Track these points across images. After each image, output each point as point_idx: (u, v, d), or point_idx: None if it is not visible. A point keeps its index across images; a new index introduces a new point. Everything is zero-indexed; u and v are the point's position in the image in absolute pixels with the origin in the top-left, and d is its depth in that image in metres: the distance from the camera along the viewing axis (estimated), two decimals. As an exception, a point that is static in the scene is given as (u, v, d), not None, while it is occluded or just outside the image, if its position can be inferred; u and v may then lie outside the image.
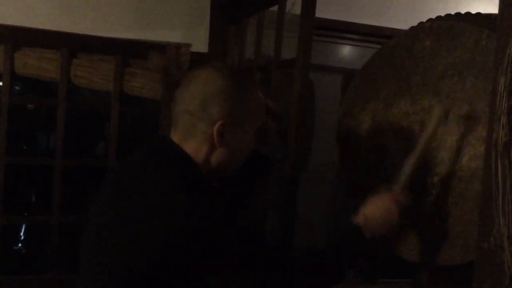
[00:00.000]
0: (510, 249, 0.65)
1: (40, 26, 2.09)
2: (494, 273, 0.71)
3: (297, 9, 1.63)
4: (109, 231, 0.99)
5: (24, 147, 3.05)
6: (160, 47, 2.11)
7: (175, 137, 1.06)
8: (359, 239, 1.09)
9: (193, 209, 0.91)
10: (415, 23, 1.39)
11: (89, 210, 1.09)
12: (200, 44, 2.28)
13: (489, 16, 1.26)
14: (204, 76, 1.05)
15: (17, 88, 2.74)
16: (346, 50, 3.25)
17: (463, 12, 1.37)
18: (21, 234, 3.01)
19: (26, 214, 2.97)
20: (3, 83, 2.05)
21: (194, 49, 2.22)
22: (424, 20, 1.39)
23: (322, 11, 1.78)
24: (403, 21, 2.11)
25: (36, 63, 2.07)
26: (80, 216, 2.20)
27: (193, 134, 1.04)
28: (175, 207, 0.92)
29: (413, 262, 1.34)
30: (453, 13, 1.39)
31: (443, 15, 1.38)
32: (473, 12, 1.34)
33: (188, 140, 1.05)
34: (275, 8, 1.83)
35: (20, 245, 3.03)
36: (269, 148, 1.44)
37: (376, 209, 1.14)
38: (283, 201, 1.58)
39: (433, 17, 1.39)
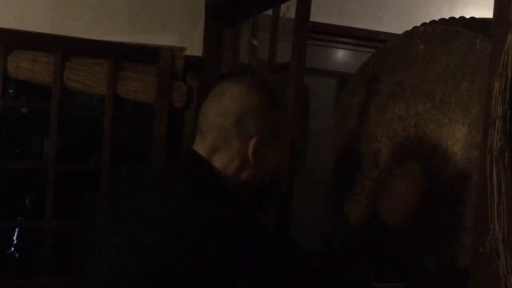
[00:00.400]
0: (506, 254, 0.65)
1: (33, 29, 2.08)
2: (489, 278, 0.71)
3: (292, 13, 1.63)
4: (130, 241, 0.96)
5: (17, 150, 3.04)
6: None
7: (201, 150, 1.04)
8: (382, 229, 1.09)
9: (220, 221, 0.90)
10: (409, 27, 1.40)
11: (96, 215, 1.07)
12: (195, 47, 2.28)
13: (483, 20, 1.27)
14: (239, 91, 1.04)
15: (10, 91, 2.72)
16: (341, 54, 3.25)
17: (457, 16, 1.37)
18: (14, 238, 2.99)
19: (19, 218, 2.95)
20: (-5, 86, 2.04)
21: (188, 52, 2.22)
22: (418, 24, 1.39)
23: (317, 15, 1.78)
24: (397, 25, 2.12)
25: (29, 66, 2.06)
26: (74, 220, 2.19)
27: (225, 149, 1.02)
28: (202, 219, 0.90)
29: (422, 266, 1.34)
30: (447, 17, 1.39)
31: (437, 19, 1.38)
32: (467, 16, 1.35)
33: (217, 154, 1.02)
34: (269, 12, 1.83)
35: (13, 249, 3.00)
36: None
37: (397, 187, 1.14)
38: (277, 205, 1.58)
39: (427, 21, 1.39)
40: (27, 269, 2.68)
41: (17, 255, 2.99)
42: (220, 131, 1.02)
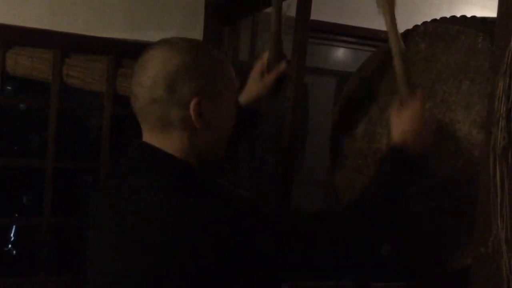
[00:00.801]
0: (508, 254, 0.65)
1: (32, 25, 2.07)
2: (491, 278, 0.70)
3: (292, 11, 1.63)
4: (122, 246, 0.91)
5: (15, 148, 3.03)
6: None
7: (149, 136, 0.95)
8: (406, 159, 1.03)
9: (203, 213, 0.83)
10: (408, 26, 1.39)
11: (91, 218, 1.01)
12: (194, 45, 2.27)
13: (484, 19, 1.26)
14: (161, 55, 0.92)
15: (8, 88, 2.71)
16: (341, 53, 3.25)
17: (458, 15, 1.36)
18: (12, 235, 2.99)
19: (16, 215, 2.94)
20: (-6, 83, 2.04)
21: (188, 50, 2.21)
22: (418, 22, 1.38)
23: (317, 13, 1.78)
24: (398, 24, 2.11)
25: (28, 63, 2.06)
26: (72, 217, 2.18)
27: (168, 124, 0.92)
28: (181, 217, 0.84)
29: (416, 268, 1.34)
30: (447, 16, 1.38)
31: (437, 18, 1.38)
32: (468, 15, 1.34)
33: (164, 133, 0.92)
34: (269, 9, 1.82)
35: (10, 246, 3.00)
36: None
37: (409, 121, 1.07)
38: (276, 203, 1.57)
39: (427, 19, 1.39)
40: (24, 266, 2.67)
41: (14, 252, 2.99)
42: (155, 106, 0.91)
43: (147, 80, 0.91)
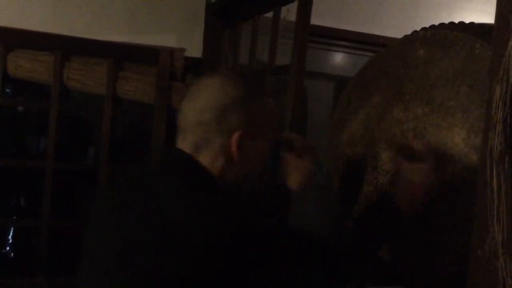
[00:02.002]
0: (505, 257, 0.65)
1: (33, 28, 2.08)
2: (487, 281, 0.71)
3: (292, 16, 1.64)
4: (131, 244, 0.91)
5: (13, 149, 3.03)
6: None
7: (185, 149, 0.99)
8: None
9: (223, 214, 0.87)
10: (407, 31, 1.40)
11: (92, 219, 1.02)
12: (194, 49, 2.29)
13: (482, 25, 1.27)
14: (216, 85, 0.99)
15: (7, 90, 2.72)
16: (339, 58, 3.26)
17: (456, 21, 1.38)
18: (9, 237, 2.98)
19: (14, 217, 2.94)
20: (-5, 85, 2.04)
21: (188, 53, 2.23)
22: (416, 28, 1.39)
23: (316, 18, 1.79)
24: (396, 29, 2.13)
25: (29, 65, 2.07)
26: (70, 219, 2.19)
27: (208, 146, 0.97)
28: (203, 217, 0.86)
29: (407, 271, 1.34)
30: (445, 22, 1.40)
31: (436, 24, 1.39)
32: (466, 21, 1.35)
33: (200, 152, 0.98)
34: (270, 14, 1.83)
35: (8, 248, 2.99)
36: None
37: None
38: (275, 207, 1.58)
39: (425, 25, 1.40)
40: (22, 268, 2.67)
41: (12, 254, 2.99)
42: (200, 128, 0.97)
43: (199, 105, 0.98)
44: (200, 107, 0.98)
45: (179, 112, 1.02)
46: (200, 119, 0.97)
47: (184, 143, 0.99)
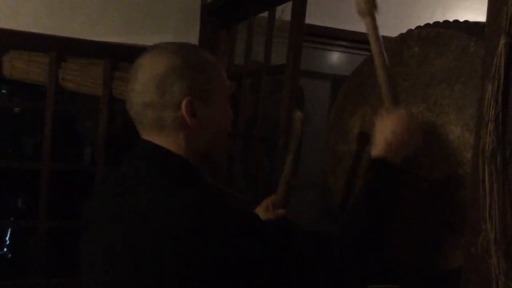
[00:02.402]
0: (497, 255, 0.66)
1: (29, 29, 2.08)
2: (481, 278, 0.72)
3: (287, 16, 1.64)
4: (123, 247, 0.89)
5: (10, 151, 3.03)
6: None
7: (146, 137, 0.97)
8: (389, 168, 1.03)
9: (205, 208, 0.84)
10: (402, 30, 1.40)
11: (88, 220, 1.01)
12: (190, 49, 2.28)
13: (477, 24, 1.28)
14: (148, 62, 0.95)
15: (3, 91, 2.71)
16: (335, 57, 3.27)
17: (451, 20, 1.38)
18: (7, 239, 2.98)
19: (12, 218, 2.94)
20: (-10, 86, 2.05)
21: (184, 54, 2.22)
22: (411, 27, 1.40)
23: (312, 18, 1.79)
24: (391, 28, 2.13)
25: (24, 66, 2.07)
26: (68, 220, 2.19)
27: (163, 125, 0.94)
28: (184, 211, 0.84)
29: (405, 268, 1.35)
30: (440, 21, 1.40)
31: (431, 22, 1.39)
32: (461, 20, 1.36)
33: (161, 135, 0.95)
34: (265, 14, 1.84)
35: (5, 249, 2.99)
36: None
37: (392, 128, 1.08)
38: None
39: (420, 24, 1.40)
40: (20, 269, 2.67)
41: (9, 255, 2.99)
42: (148, 110, 0.93)
43: (139, 86, 0.94)
44: (140, 88, 0.94)
45: (126, 102, 0.98)
46: (144, 101, 0.93)
47: (144, 131, 0.97)
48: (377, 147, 1.09)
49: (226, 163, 2.08)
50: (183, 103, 0.92)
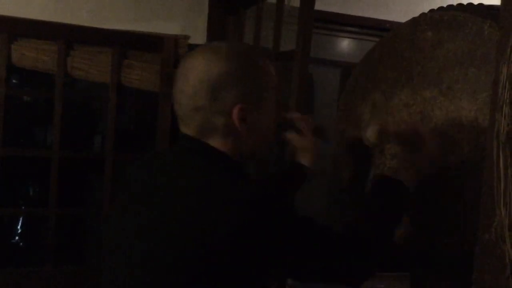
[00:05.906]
0: (511, 240, 0.64)
1: (37, 17, 2.08)
2: (495, 264, 0.70)
3: (296, 1, 1.62)
4: (157, 234, 0.88)
5: (21, 139, 3.04)
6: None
7: (191, 134, 0.97)
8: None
9: (252, 196, 0.86)
10: (414, 15, 1.38)
11: (114, 208, 1.02)
12: (198, 36, 2.27)
13: (491, 7, 1.25)
14: (202, 63, 0.93)
15: (14, 81, 2.72)
16: (345, 43, 3.23)
17: (464, 3, 1.35)
18: (18, 227, 3.00)
19: (23, 207, 2.96)
20: (-1, 74, 2.04)
21: (192, 41, 2.21)
22: (425, 11, 1.37)
23: (321, 4, 1.77)
24: (402, 13, 2.11)
25: (33, 55, 2.06)
26: (78, 208, 2.20)
27: (212, 129, 0.94)
28: (230, 199, 0.85)
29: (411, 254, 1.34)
30: (453, 4, 1.37)
31: (444, 6, 1.37)
32: (475, 3, 1.33)
33: (208, 136, 0.95)
34: (273, 0, 1.81)
35: (17, 238, 3.02)
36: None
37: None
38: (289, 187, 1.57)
39: (434, 8, 1.38)
40: (31, 257, 2.70)
41: (21, 244, 3.01)
42: (198, 114, 0.93)
43: (190, 89, 0.93)
44: (191, 92, 0.93)
45: (173, 100, 0.98)
46: (194, 105, 0.93)
47: (188, 130, 0.96)
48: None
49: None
50: (235, 110, 0.92)
